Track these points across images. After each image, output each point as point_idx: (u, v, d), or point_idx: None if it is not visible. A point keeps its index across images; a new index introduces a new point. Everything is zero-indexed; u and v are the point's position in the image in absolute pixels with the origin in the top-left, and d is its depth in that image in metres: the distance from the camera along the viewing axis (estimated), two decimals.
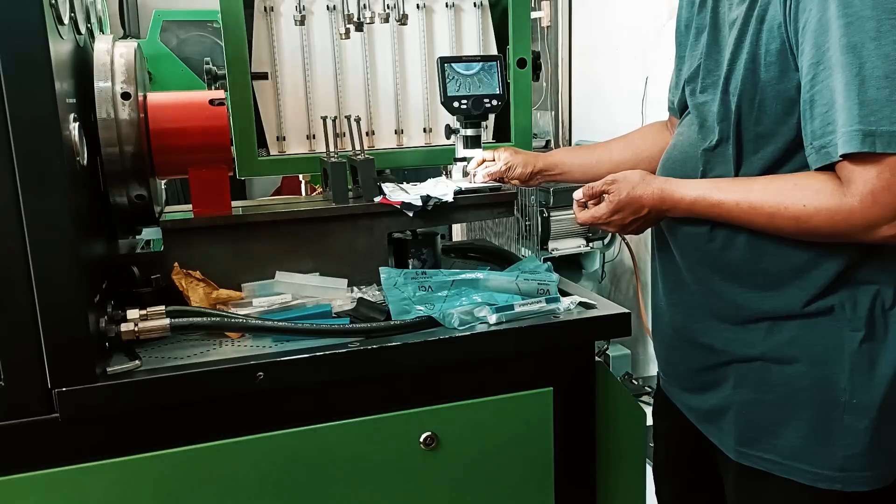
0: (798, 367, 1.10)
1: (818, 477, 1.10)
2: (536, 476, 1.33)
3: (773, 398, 1.13)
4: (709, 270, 1.18)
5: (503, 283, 1.36)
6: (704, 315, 1.20)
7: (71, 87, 1.10)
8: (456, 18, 1.70)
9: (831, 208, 0.96)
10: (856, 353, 1.07)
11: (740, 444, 1.17)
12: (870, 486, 1.09)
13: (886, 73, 0.90)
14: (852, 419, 1.08)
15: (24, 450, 1.08)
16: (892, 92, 0.89)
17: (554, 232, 3.22)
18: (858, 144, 0.91)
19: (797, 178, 1.03)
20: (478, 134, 1.53)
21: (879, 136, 0.89)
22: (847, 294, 1.07)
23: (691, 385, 1.27)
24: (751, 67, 1.06)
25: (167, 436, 1.14)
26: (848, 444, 1.08)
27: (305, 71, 1.61)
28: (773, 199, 1.03)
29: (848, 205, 0.95)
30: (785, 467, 1.13)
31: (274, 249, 1.44)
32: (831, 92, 0.94)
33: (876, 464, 1.09)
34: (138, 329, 1.17)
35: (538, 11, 3.97)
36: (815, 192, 0.99)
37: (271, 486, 1.19)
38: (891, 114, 0.89)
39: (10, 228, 0.99)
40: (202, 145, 1.36)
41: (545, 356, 1.31)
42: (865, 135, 0.90)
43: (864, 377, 1.07)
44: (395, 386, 1.24)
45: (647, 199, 1.16)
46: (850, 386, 1.07)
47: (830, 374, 1.08)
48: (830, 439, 1.09)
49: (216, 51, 3.17)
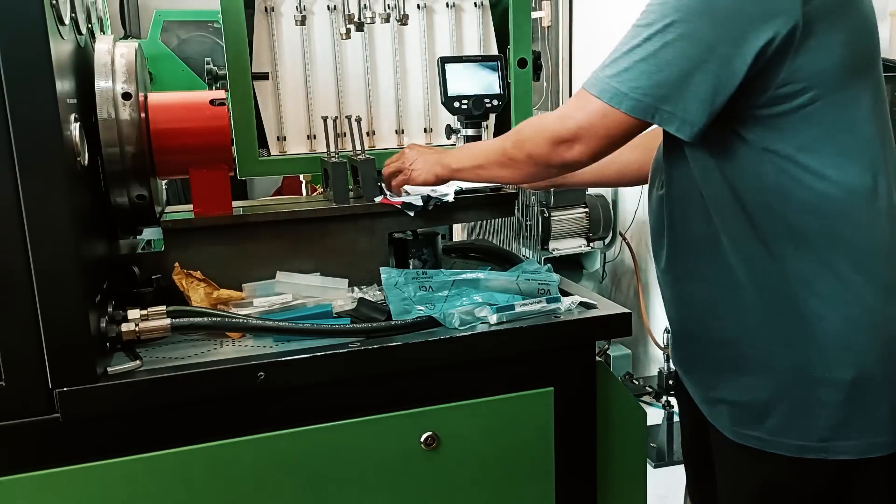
0: (775, 349, 1.17)
1: (804, 448, 1.17)
2: (537, 476, 1.33)
3: (756, 381, 1.20)
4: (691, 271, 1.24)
5: (504, 283, 1.36)
6: (693, 312, 1.26)
7: (72, 87, 1.10)
8: (456, 18, 1.70)
9: (537, 121, 1.24)
10: (826, 332, 1.13)
11: (734, 424, 1.23)
12: (857, 455, 1.15)
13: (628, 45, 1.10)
14: (830, 394, 1.14)
15: (25, 450, 1.08)
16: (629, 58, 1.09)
17: (554, 232, 3.22)
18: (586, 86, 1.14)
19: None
20: (478, 134, 1.53)
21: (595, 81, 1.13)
22: (809, 276, 1.13)
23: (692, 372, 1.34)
24: None
25: (167, 436, 1.14)
26: (828, 415, 1.15)
27: (306, 71, 1.61)
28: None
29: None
30: (773, 443, 1.19)
31: (274, 249, 1.44)
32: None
33: (859, 434, 1.15)
34: (139, 329, 1.17)
35: (539, 11, 3.97)
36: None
37: (271, 486, 1.19)
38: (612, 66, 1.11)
39: (11, 228, 0.99)
40: (203, 145, 1.36)
41: (546, 356, 1.31)
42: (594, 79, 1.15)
43: (838, 355, 1.13)
44: (396, 386, 1.24)
45: (430, 152, 1.45)
46: (825, 363, 1.14)
47: (806, 353, 1.14)
48: (812, 413, 1.16)
49: (217, 51, 3.17)
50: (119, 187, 1.28)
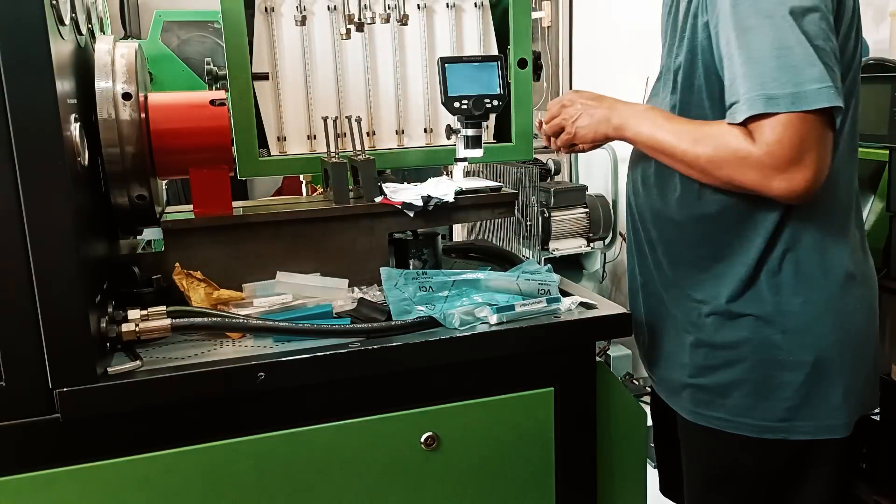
0: (740, 331, 1.23)
1: (764, 429, 1.23)
2: (537, 476, 1.33)
3: (719, 362, 1.26)
4: (669, 260, 1.32)
5: (504, 284, 1.36)
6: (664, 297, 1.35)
7: (72, 87, 1.10)
8: (457, 18, 1.70)
9: (736, 149, 1.11)
10: (790, 315, 1.20)
11: (694, 406, 1.30)
12: (814, 435, 1.22)
13: (780, 45, 1.07)
14: (791, 375, 1.21)
15: (25, 450, 1.08)
16: (788, 60, 1.06)
17: (554, 232, 3.22)
18: (761, 107, 1.07)
19: (716, 124, 1.17)
20: (479, 134, 1.53)
21: (778, 98, 1.06)
22: (780, 258, 1.21)
23: (659, 367, 1.41)
24: (689, 58, 1.22)
25: (167, 436, 1.14)
26: (787, 397, 1.21)
27: (306, 71, 1.61)
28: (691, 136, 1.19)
29: (747, 149, 1.10)
30: (733, 423, 1.25)
31: (275, 250, 1.44)
32: (734, 66, 1.12)
33: (816, 415, 1.21)
34: (139, 329, 1.17)
35: (539, 12, 3.97)
36: (726, 135, 1.14)
37: (271, 486, 1.19)
38: (786, 79, 1.06)
39: (11, 229, 0.99)
40: (203, 146, 1.36)
41: (546, 356, 1.31)
42: (768, 98, 1.07)
43: (800, 337, 1.20)
44: (396, 386, 1.24)
45: (610, 99, 1.34)
46: (787, 346, 1.20)
47: (769, 335, 1.21)
48: (772, 394, 1.22)
49: (217, 51, 3.17)
50: (119, 187, 1.28)
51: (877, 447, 2.00)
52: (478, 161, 1.62)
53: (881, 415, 2.00)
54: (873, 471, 2.02)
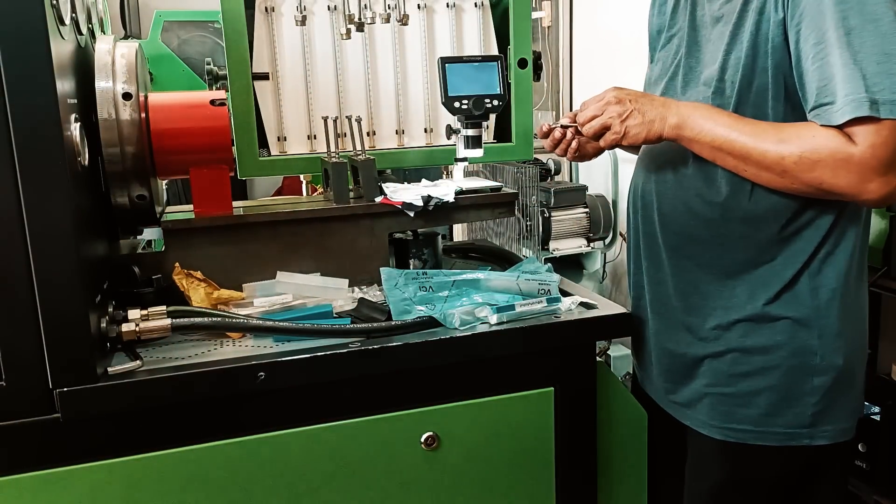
0: (776, 335, 1.20)
1: (790, 436, 1.21)
2: (537, 476, 1.33)
3: (749, 368, 1.22)
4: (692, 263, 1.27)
5: (504, 284, 1.36)
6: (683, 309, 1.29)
7: (72, 87, 1.10)
8: (457, 18, 1.70)
9: (835, 150, 1.06)
10: (827, 318, 1.18)
11: (711, 418, 1.26)
12: (832, 440, 1.20)
13: (884, 50, 1.04)
14: (820, 380, 1.19)
15: (25, 450, 1.08)
16: (891, 67, 1.03)
17: (555, 232, 3.21)
18: (866, 110, 1.03)
19: (802, 125, 1.11)
20: (479, 134, 1.53)
21: (882, 103, 1.03)
22: (823, 260, 1.18)
23: (669, 378, 1.35)
24: (751, 55, 1.14)
25: (167, 436, 1.14)
26: (814, 402, 1.19)
27: (306, 71, 1.61)
28: (776, 137, 1.12)
29: (848, 150, 1.05)
30: (756, 433, 1.22)
31: (275, 249, 1.44)
32: (830, 67, 1.06)
33: (837, 418, 1.20)
34: (139, 329, 1.17)
35: (539, 11, 3.97)
36: (820, 135, 1.08)
37: (271, 486, 1.19)
38: (891, 85, 1.03)
39: (11, 229, 0.99)
40: (203, 146, 1.36)
41: (546, 356, 1.31)
42: (872, 102, 1.02)
43: (834, 341, 1.18)
44: (397, 386, 1.24)
45: (660, 96, 1.25)
46: (822, 350, 1.18)
47: (805, 339, 1.19)
48: (800, 400, 1.20)
49: (217, 51, 3.17)
50: (119, 187, 1.28)
51: (876, 447, 2.00)
52: (478, 161, 1.62)
53: (881, 415, 2.00)
54: (873, 471, 2.02)
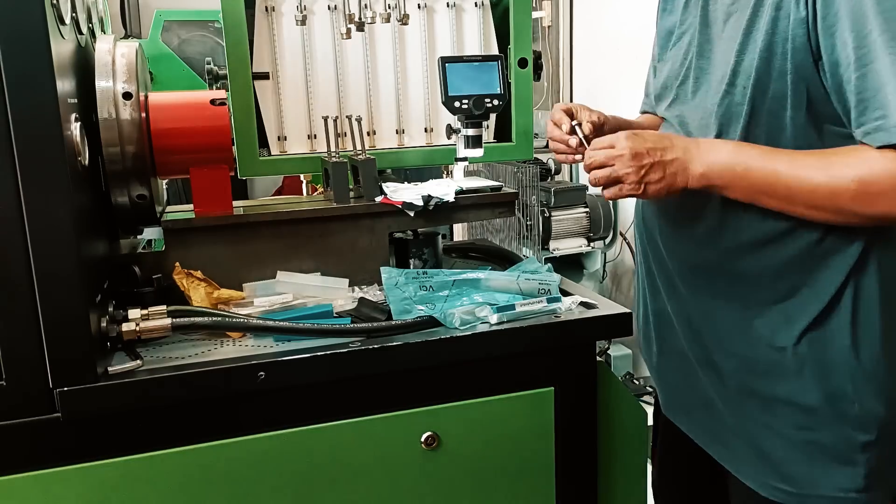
0: (805, 382, 1.09)
1: (842, 501, 1.07)
2: (537, 476, 1.33)
3: (783, 423, 1.11)
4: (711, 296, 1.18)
5: (504, 283, 1.36)
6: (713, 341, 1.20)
7: (72, 87, 1.10)
8: (457, 18, 1.70)
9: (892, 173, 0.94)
10: (856, 358, 1.06)
11: (756, 471, 1.16)
12: (889, 499, 1.08)
13: None
14: (865, 433, 1.06)
15: (25, 449, 1.08)
16: None
17: (555, 232, 3.22)
18: None
19: (848, 151, 0.99)
20: (479, 134, 1.53)
21: None
22: (853, 294, 1.06)
23: (696, 408, 1.28)
24: (766, 57, 1.03)
25: (167, 436, 1.14)
26: (867, 459, 1.05)
27: (306, 71, 1.61)
28: (823, 168, 0.99)
29: None
30: (803, 497, 1.10)
31: (275, 249, 1.44)
32: (877, 75, 0.93)
33: (890, 477, 1.08)
34: (140, 329, 1.17)
35: (539, 11, 3.97)
36: (874, 161, 0.95)
37: (271, 486, 1.19)
38: None
39: (11, 228, 0.99)
40: (203, 145, 1.36)
41: (546, 356, 1.31)
42: None
43: (869, 384, 1.06)
44: (396, 386, 1.24)
45: (677, 140, 1.08)
46: (856, 393, 1.05)
47: (837, 383, 1.06)
48: (852, 458, 1.06)
49: (217, 51, 3.17)
50: (120, 187, 1.28)
51: None
52: (478, 161, 1.62)
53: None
54: None
